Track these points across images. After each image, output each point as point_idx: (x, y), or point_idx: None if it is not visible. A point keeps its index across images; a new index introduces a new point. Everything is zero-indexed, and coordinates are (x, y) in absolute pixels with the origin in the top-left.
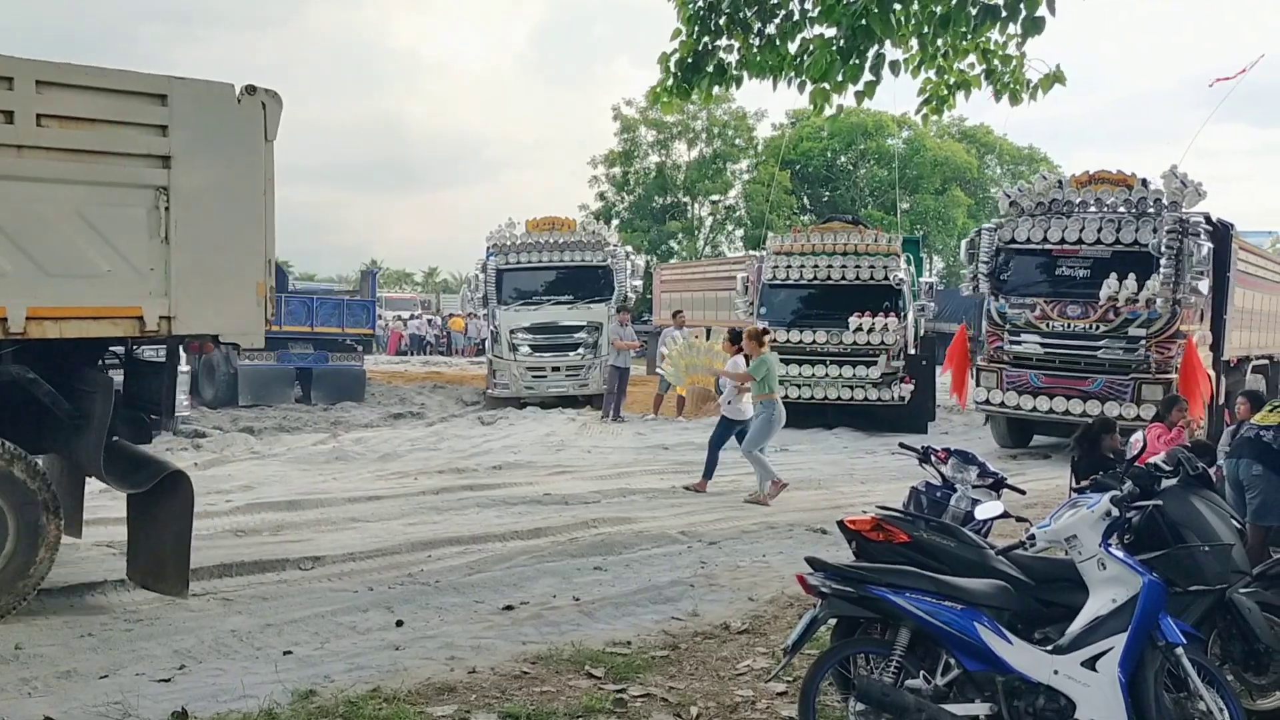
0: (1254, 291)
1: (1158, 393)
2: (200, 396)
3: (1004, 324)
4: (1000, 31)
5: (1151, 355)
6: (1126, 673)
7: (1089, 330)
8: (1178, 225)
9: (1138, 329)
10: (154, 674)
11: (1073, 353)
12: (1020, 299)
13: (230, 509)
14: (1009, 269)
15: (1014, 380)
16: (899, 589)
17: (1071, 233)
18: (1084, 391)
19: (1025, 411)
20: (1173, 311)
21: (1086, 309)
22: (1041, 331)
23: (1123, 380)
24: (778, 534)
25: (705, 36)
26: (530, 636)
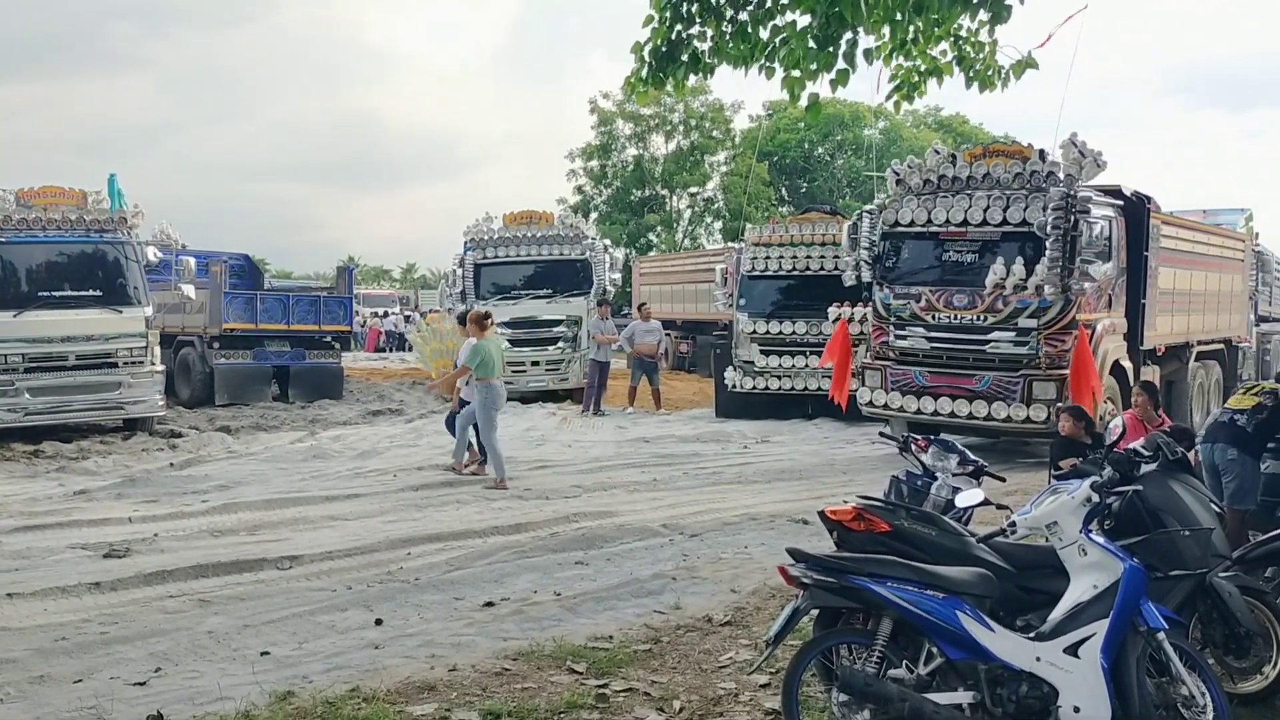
0: (1189, 270)
1: (1050, 391)
2: (176, 396)
3: (889, 316)
4: (971, 18)
5: (1044, 349)
6: (1109, 658)
7: (977, 322)
8: (1064, 201)
9: (1028, 319)
10: (129, 677)
11: (960, 347)
12: (905, 288)
13: (207, 509)
14: (894, 255)
15: (898, 379)
16: (881, 578)
17: (957, 213)
18: (970, 391)
19: (909, 414)
20: (1066, 299)
21: (974, 298)
22: (928, 324)
23: (1012, 378)
24: (759, 525)
25: (678, 24)
26: (511, 633)
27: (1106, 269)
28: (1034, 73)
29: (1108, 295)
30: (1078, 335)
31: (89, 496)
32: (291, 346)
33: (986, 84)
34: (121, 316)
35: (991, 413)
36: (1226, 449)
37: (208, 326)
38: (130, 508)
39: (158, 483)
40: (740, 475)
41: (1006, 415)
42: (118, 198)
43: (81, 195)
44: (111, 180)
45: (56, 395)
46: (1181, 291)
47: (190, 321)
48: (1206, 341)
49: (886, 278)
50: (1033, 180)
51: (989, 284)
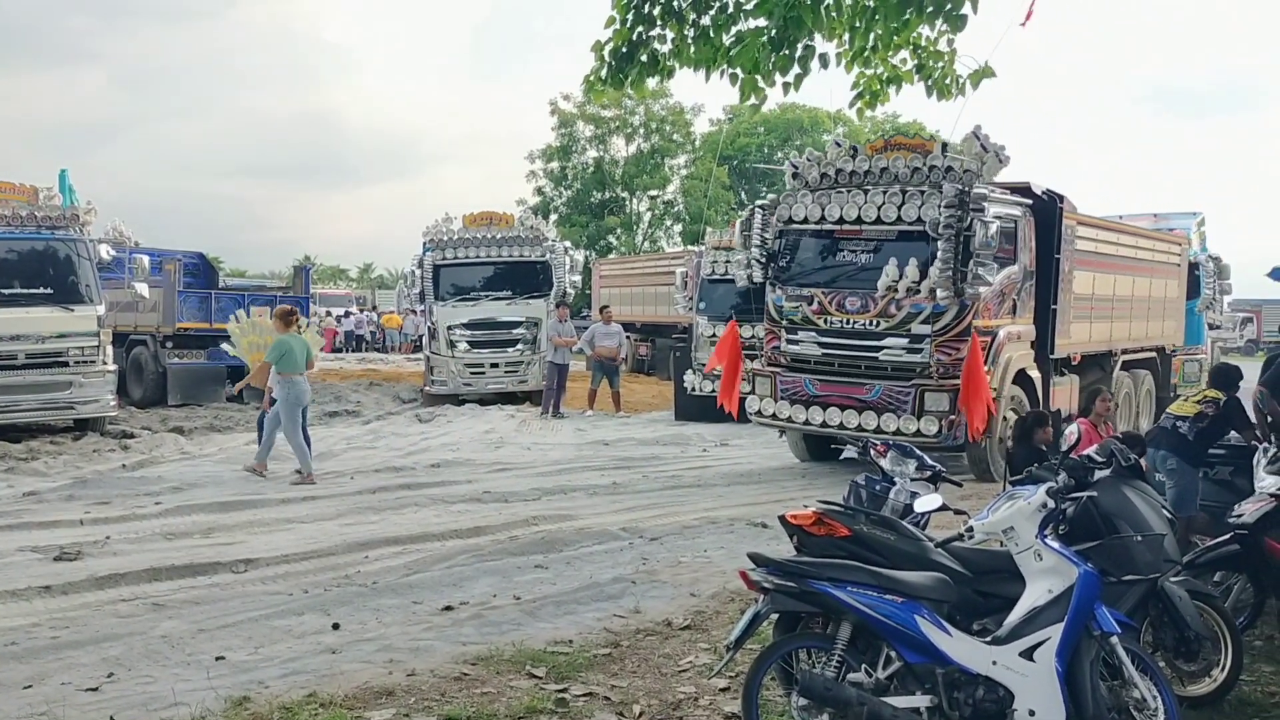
0: (1111, 275)
1: (943, 402)
2: (128, 396)
3: (781, 320)
4: (930, 27)
5: (937, 357)
6: (1063, 662)
7: (869, 327)
8: (958, 198)
9: (922, 325)
10: (81, 683)
11: (852, 354)
12: (798, 290)
13: (160, 511)
14: (787, 254)
15: (788, 387)
16: (840, 583)
17: (851, 210)
18: (861, 401)
19: (798, 425)
20: (961, 303)
21: (867, 302)
22: (820, 329)
23: (903, 388)
24: (719, 529)
25: (640, 26)
26: (470, 637)
27: (1012, 271)
28: (991, 81)
29: (1012, 300)
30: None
31: (39, 498)
32: None
33: (944, 93)
34: (73, 315)
35: (881, 425)
36: (1167, 456)
37: (161, 325)
38: (81, 509)
39: (110, 484)
40: (700, 479)
41: (896, 428)
42: (69, 194)
43: (32, 191)
44: (63, 176)
45: (5, 394)
46: (1103, 297)
47: (143, 320)
48: (1134, 350)
49: (780, 279)
50: (932, 176)
51: (881, 287)
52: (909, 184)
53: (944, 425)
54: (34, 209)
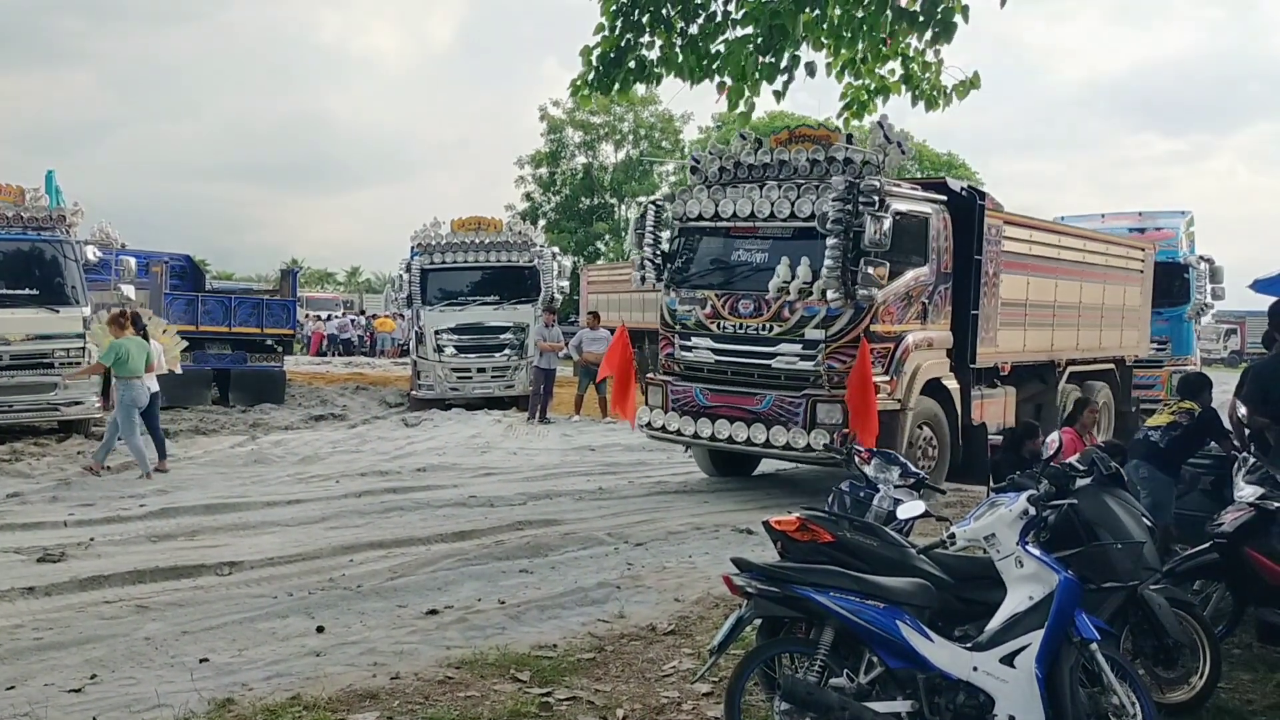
0: (1051, 279)
1: (835, 414)
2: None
3: (674, 324)
4: (918, 38)
5: (829, 364)
6: (1043, 668)
7: (762, 332)
8: (848, 191)
9: (815, 330)
10: (64, 684)
11: (745, 361)
12: (691, 292)
13: (145, 513)
14: (682, 254)
15: (679, 397)
16: (823, 588)
17: (745, 205)
18: (751, 412)
19: (687, 438)
20: (856, 306)
21: (760, 305)
22: (713, 334)
23: (794, 398)
24: (704, 535)
25: (629, 33)
26: (455, 641)
27: (921, 273)
28: (979, 93)
29: (921, 304)
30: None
31: (23, 499)
32: (233, 349)
33: (931, 103)
34: (58, 316)
35: (770, 438)
36: (1140, 465)
37: None
38: (65, 511)
39: (94, 486)
40: (685, 484)
41: (786, 442)
42: (56, 195)
43: (19, 192)
44: (50, 177)
45: None
46: (1040, 303)
47: None
48: (1085, 361)
49: (674, 280)
50: (831, 169)
51: (772, 288)
52: (808, 177)
53: (836, 439)
54: (20, 210)
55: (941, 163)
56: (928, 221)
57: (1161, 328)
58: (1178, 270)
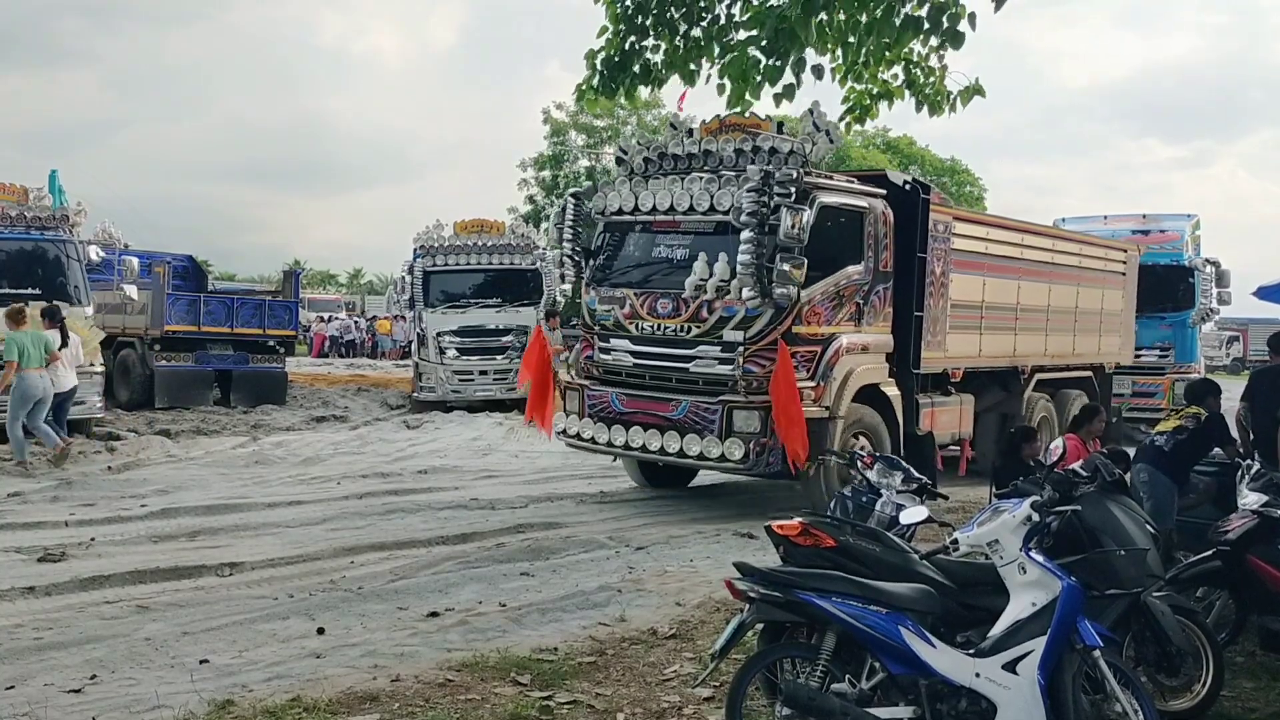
0: (1014, 280)
1: (752, 422)
2: (115, 398)
3: (594, 325)
4: (923, 43)
5: (748, 368)
6: (1046, 675)
7: (680, 334)
8: (763, 182)
9: (734, 332)
10: (64, 684)
11: (663, 365)
12: (611, 291)
13: (146, 514)
14: (604, 250)
15: (595, 402)
16: (825, 593)
17: (665, 198)
18: (667, 419)
19: (601, 446)
20: (777, 306)
21: (678, 305)
22: (632, 335)
23: (710, 404)
24: (705, 538)
25: (632, 36)
26: (455, 644)
27: (854, 271)
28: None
29: (854, 304)
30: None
31: (24, 499)
32: (234, 350)
33: (935, 108)
34: None
35: (684, 447)
36: (1142, 469)
37: (149, 328)
38: (67, 511)
39: (95, 486)
40: (685, 490)
41: (700, 451)
42: (59, 195)
43: (23, 191)
44: (53, 177)
45: None
46: (1000, 305)
47: (131, 322)
48: (1055, 369)
49: (595, 278)
50: (757, 160)
51: (688, 286)
52: (734, 168)
53: (752, 449)
54: (24, 209)
55: (944, 167)
56: (863, 216)
57: (1165, 333)
58: (1182, 274)
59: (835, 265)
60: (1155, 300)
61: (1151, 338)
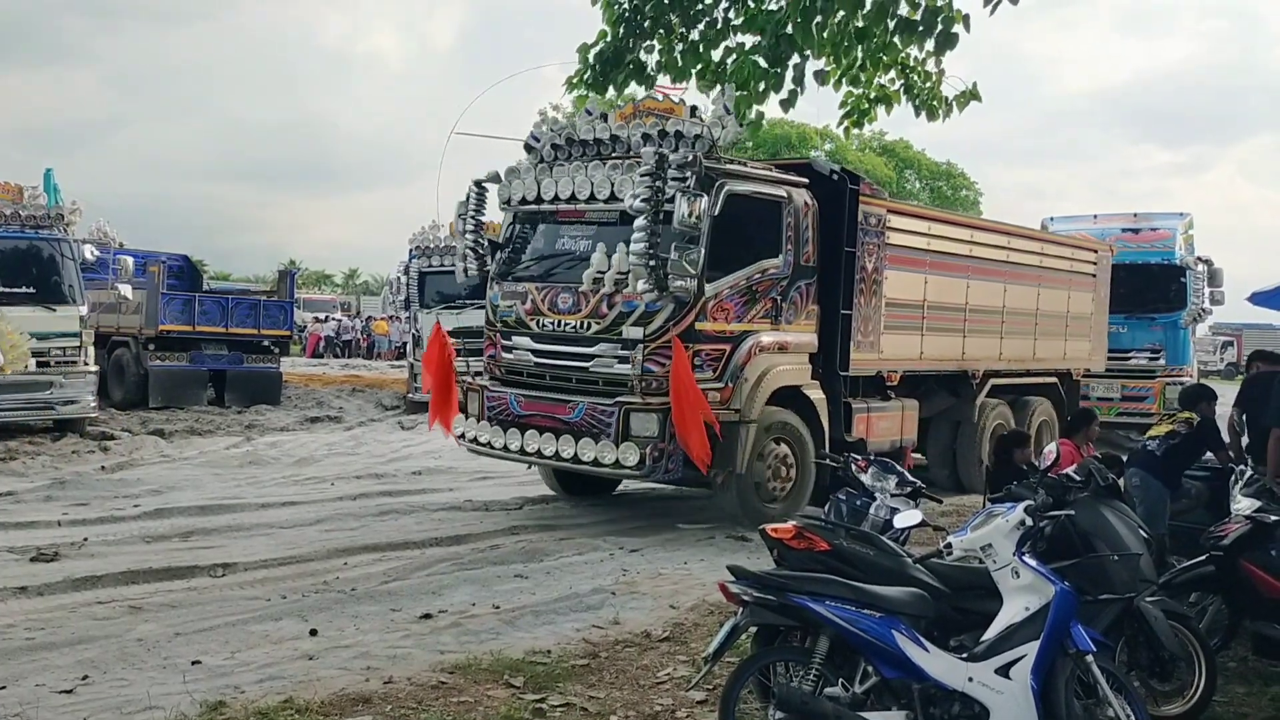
0: (959, 279)
1: (650, 425)
2: (109, 397)
3: (497, 322)
4: (919, 47)
5: (647, 367)
6: (1039, 680)
7: (580, 330)
8: (657, 166)
9: (633, 328)
10: (56, 685)
11: (564, 364)
12: (514, 285)
13: (139, 514)
14: (509, 243)
15: (495, 404)
16: (819, 597)
17: (565, 187)
18: (563, 422)
19: (498, 451)
20: (677, 301)
21: (578, 300)
22: (533, 333)
23: (606, 406)
24: (699, 541)
25: (630, 38)
26: (449, 645)
27: (770, 265)
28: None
29: (770, 300)
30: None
31: (17, 498)
32: (229, 350)
33: (931, 113)
34: (55, 315)
35: (579, 453)
36: (1135, 474)
37: (144, 327)
38: (60, 510)
39: (88, 486)
40: (680, 491)
41: (594, 457)
42: (54, 193)
43: (17, 190)
44: (48, 175)
45: None
46: (946, 305)
47: (126, 322)
48: (1012, 374)
49: (499, 272)
50: (664, 145)
51: (586, 280)
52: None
53: (648, 455)
54: (19, 208)
55: (941, 171)
56: (780, 206)
57: (1155, 335)
58: (1174, 273)
59: (748, 258)
60: (1145, 301)
61: (1141, 340)
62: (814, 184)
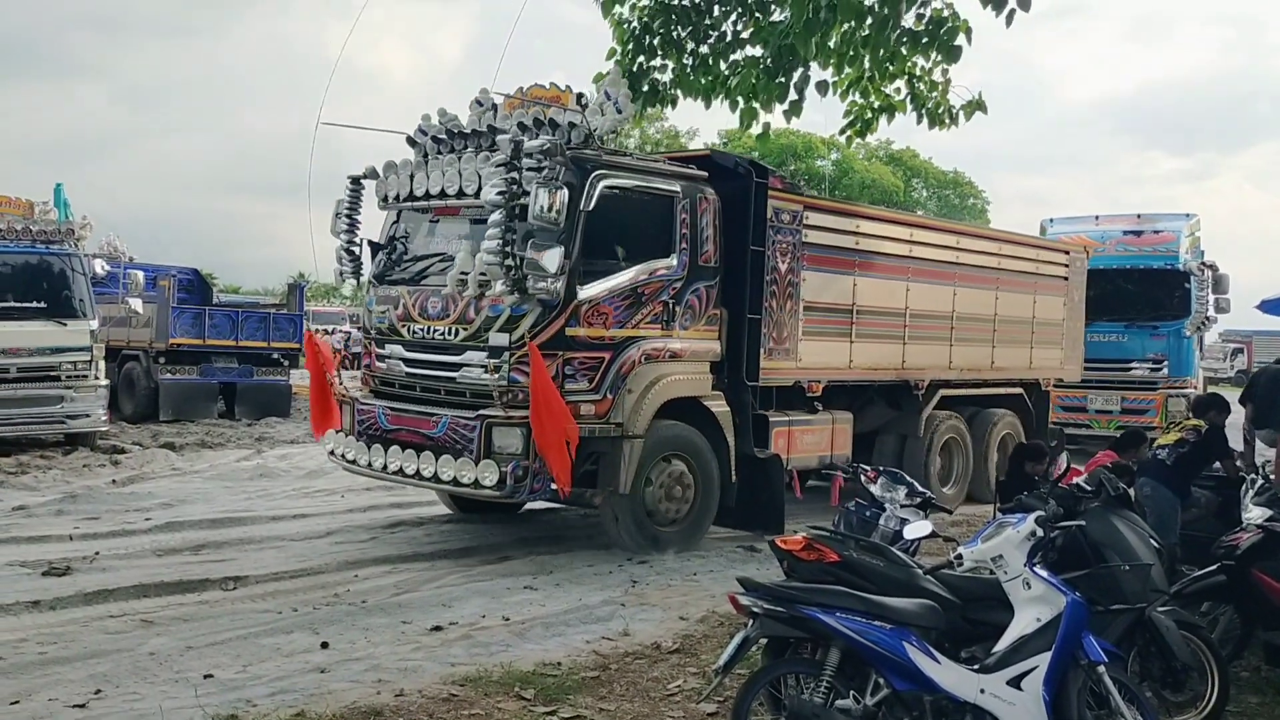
0: (899, 281)
1: (514, 441)
2: (120, 411)
3: (371, 329)
4: (925, 58)
5: (514, 377)
6: (1050, 691)
7: (449, 337)
8: (513, 156)
9: (500, 334)
10: (68, 699)
11: (434, 374)
12: (388, 289)
13: (150, 527)
14: (389, 242)
15: (364, 418)
16: (830, 609)
17: (435, 181)
18: (427, 438)
19: (363, 469)
20: (544, 304)
21: (447, 304)
22: (406, 340)
23: (469, 420)
24: (708, 552)
25: (640, 56)
26: (459, 658)
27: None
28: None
29: (661, 304)
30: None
31: (28, 512)
32: (239, 363)
33: (938, 122)
34: (66, 329)
35: (439, 471)
36: (1145, 483)
37: (154, 341)
38: (71, 525)
39: (99, 499)
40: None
41: (453, 475)
42: (65, 208)
43: (28, 205)
44: (58, 190)
45: None
46: (880, 310)
47: (136, 336)
48: (966, 385)
49: (377, 275)
50: (541, 134)
51: (450, 282)
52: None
53: (510, 474)
54: (29, 223)
55: (948, 180)
56: (672, 202)
57: (1157, 344)
58: (1177, 279)
59: (634, 258)
60: (1146, 308)
61: (1142, 349)
62: (717, 178)
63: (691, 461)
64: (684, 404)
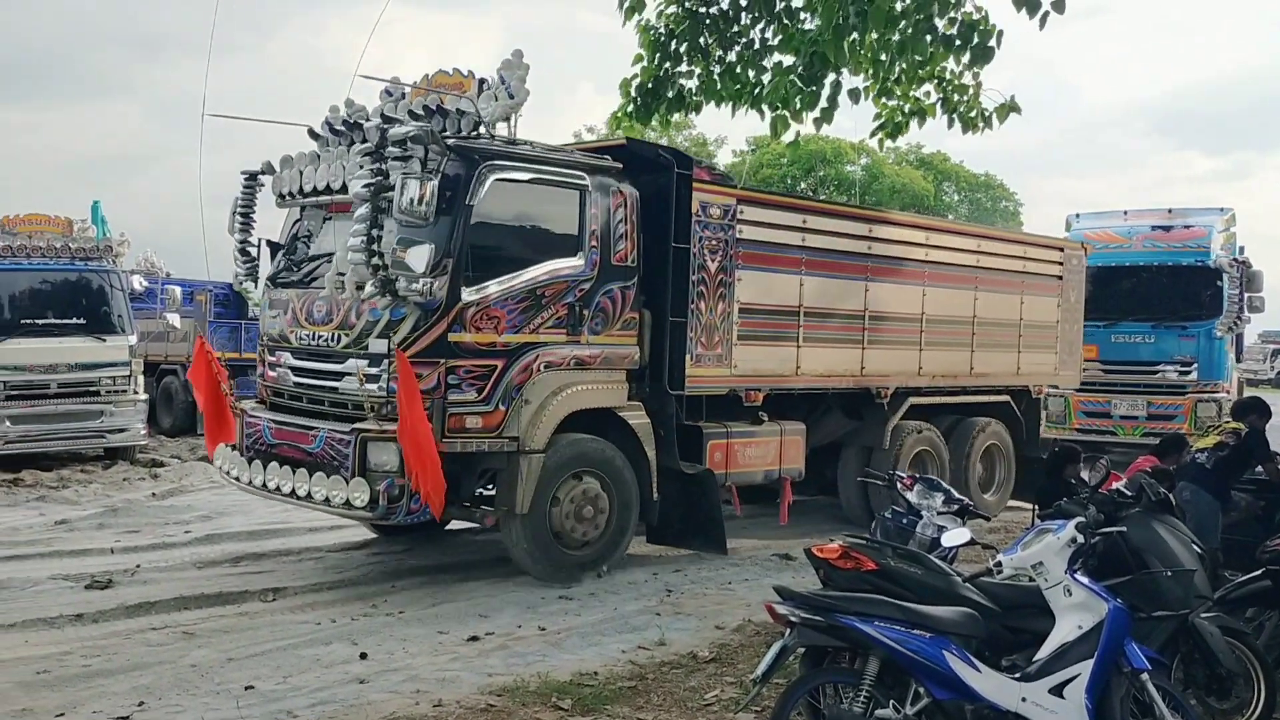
0: (857, 281)
1: (390, 456)
2: (158, 425)
3: (264, 336)
4: (955, 61)
5: (394, 387)
6: (1093, 699)
7: (332, 344)
8: (378, 144)
9: (379, 340)
10: (112, 711)
11: (319, 383)
12: (280, 293)
13: (190, 540)
14: (288, 242)
15: (250, 431)
16: (868, 617)
17: (322, 176)
18: (306, 453)
19: (245, 486)
20: (424, 307)
21: (331, 308)
22: (293, 347)
23: (343, 434)
24: (742, 560)
25: (667, 63)
26: (496, 668)
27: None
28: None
29: (564, 307)
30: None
31: (70, 526)
32: None
33: (970, 125)
34: (105, 345)
35: (312, 490)
36: (1185, 488)
37: (191, 355)
38: (112, 538)
39: (140, 513)
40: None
41: (325, 495)
42: (102, 225)
43: (67, 222)
44: (95, 207)
45: (38, 424)
46: (832, 311)
47: (174, 350)
48: (941, 391)
49: (270, 277)
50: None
51: (328, 283)
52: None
53: (383, 493)
54: (68, 240)
55: (980, 183)
56: (580, 195)
57: (1186, 346)
58: (1208, 276)
59: (532, 257)
60: (1175, 307)
61: (1170, 351)
62: (637, 170)
63: (605, 478)
64: (597, 416)
